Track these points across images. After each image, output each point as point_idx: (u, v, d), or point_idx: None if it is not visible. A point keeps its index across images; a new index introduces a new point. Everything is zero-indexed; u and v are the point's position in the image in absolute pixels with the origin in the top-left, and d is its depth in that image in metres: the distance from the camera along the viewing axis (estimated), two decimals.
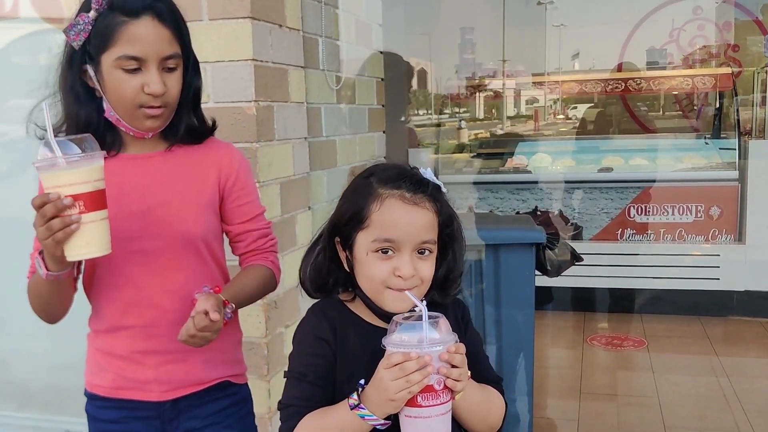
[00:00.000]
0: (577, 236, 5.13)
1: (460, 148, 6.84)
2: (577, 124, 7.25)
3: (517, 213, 5.18)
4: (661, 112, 8.34)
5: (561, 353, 4.44)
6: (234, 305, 1.55)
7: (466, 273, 2.98)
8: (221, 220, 1.64)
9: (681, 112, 7.50)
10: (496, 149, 6.07)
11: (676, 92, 6.97)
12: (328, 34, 2.75)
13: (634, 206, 5.09)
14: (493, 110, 10.24)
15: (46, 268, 1.38)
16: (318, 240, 1.41)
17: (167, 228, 1.53)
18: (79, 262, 1.48)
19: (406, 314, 1.25)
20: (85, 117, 1.51)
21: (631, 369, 4.11)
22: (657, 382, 3.77)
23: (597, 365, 4.13)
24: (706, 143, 5.37)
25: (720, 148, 5.21)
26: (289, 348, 1.35)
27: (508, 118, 10.15)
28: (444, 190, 1.33)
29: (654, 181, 5.07)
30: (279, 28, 2.37)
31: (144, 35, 1.44)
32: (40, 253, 1.39)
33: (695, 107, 7.25)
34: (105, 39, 1.45)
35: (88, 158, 1.32)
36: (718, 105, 5.92)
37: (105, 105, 1.50)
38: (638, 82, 6.18)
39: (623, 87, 6.22)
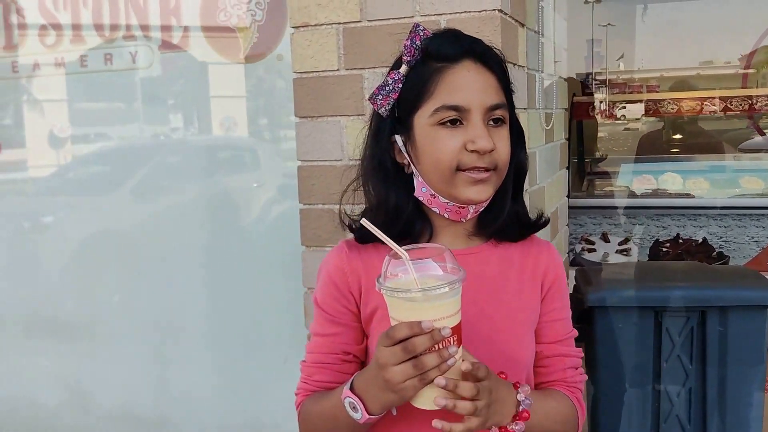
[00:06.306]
0: None
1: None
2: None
3: (657, 240, 4.79)
4: None
5: None
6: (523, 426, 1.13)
7: (684, 340, 2.62)
8: None
9: None
10: (608, 167, 5.62)
11: None
12: (542, 68, 2.43)
13: None
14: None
15: (367, 411, 1.07)
16: None
17: (490, 350, 1.19)
18: None
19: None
20: (396, 201, 1.21)
21: None
22: None
23: None
24: None
25: None
26: None
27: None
28: None
29: None
30: (513, 67, 2.05)
31: (466, 81, 1.16)
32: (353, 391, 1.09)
33: None
34: (418, 93, 1.17)
35: (459, 281, 1.02)
36: None
37: (416, 181, 1.21)
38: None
39: (748, 106, 5.74)
